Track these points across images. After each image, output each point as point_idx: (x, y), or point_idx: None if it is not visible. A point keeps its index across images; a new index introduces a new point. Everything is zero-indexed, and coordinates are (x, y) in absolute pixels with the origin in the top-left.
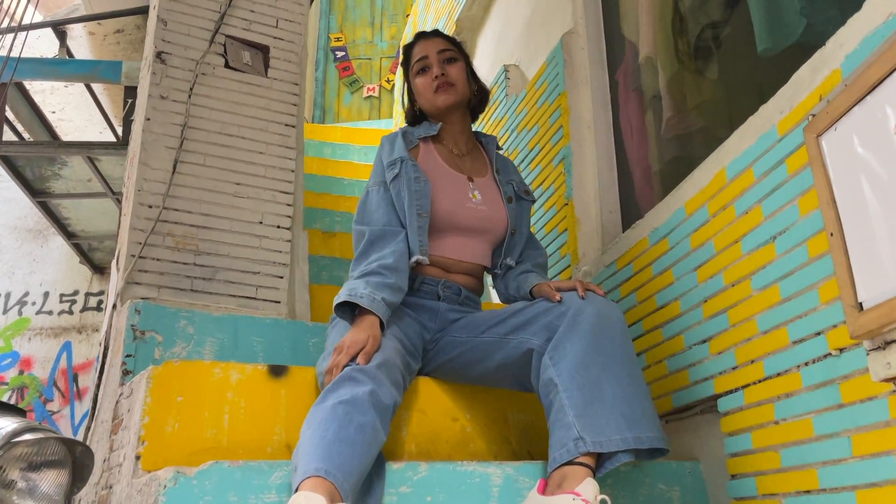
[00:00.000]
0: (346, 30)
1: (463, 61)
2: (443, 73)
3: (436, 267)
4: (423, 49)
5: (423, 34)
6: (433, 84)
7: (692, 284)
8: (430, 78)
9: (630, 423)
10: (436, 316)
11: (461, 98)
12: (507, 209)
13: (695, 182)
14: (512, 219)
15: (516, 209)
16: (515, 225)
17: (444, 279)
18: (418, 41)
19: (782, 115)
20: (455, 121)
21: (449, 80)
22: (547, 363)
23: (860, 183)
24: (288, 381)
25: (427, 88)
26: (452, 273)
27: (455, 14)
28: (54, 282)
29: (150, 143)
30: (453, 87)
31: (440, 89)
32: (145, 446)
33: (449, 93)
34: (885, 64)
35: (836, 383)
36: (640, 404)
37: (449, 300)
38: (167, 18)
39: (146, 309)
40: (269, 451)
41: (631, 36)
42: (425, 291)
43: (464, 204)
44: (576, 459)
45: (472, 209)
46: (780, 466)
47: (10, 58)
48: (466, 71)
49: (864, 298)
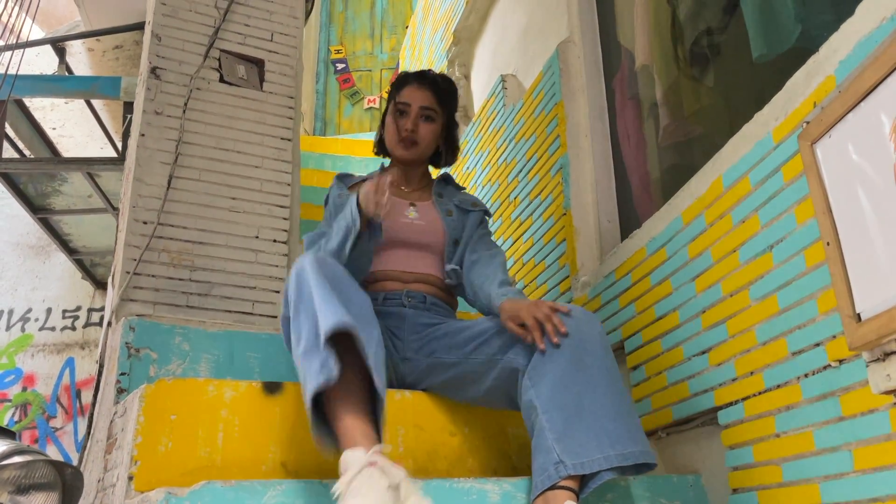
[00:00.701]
0: (346, 42)
1: (441, 121)
2: (413, 130)
3: (394, 281)
4: (410, 96)
5: (421, 79)
6: (401, 134)
7: (690, 294)
8: (401, 125)
9: (613, 441)
10: (403, 321)
11: (420, 157)
12: (444, 221)
13: (691, 191)
14: (451, 229)
15: (457, 221)
16: (457, 235)
17: (406, 289)
18: (411, 84)
19: (777, 122)
20: (409, 166)
21: (416, 138)
22: (527, 384)
23: (856, 191)
24: (282, 399)
25: (394, 134)
26: (411, 283)
27: (452, 25)
28: (57, 298)
29: (145, 159)
30: (416, 145)
31: (403, 143)
32: (138, 466)
33: (410, 150)
34: (879, 70)
35: (837, 395)
36: (622, 419)
37: (415, 307)
38: (161, 34)
39: (141, 326)
40: (264, 469)
41: (627, 44)
42: (390, 303)
43: (398, 220)
44: (558, 483)
45: (407, 224)
46: (781, 480)
47: (8, 75)
48: (440, 129)
49: (862, 309)
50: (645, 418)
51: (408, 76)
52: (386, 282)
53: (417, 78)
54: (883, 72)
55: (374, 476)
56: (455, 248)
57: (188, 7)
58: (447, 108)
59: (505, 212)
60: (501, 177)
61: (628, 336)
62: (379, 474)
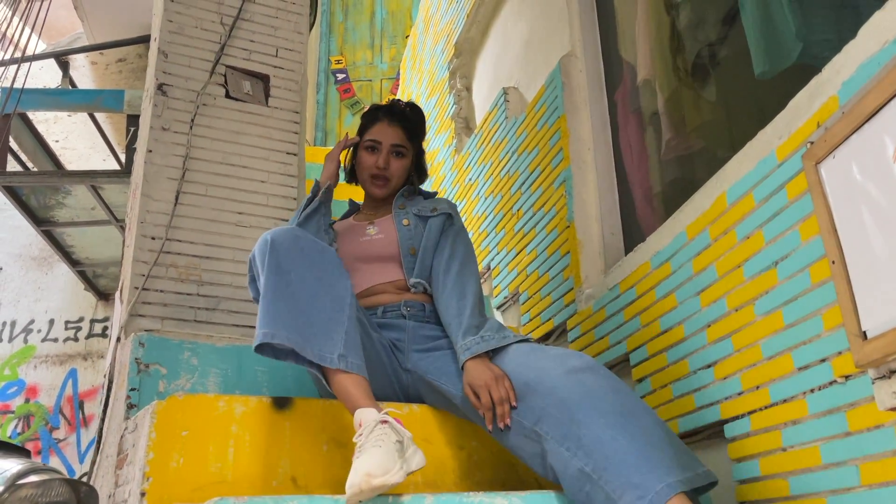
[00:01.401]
0: (346, 52)
1: (411, 155)
2: (385, 167)
3: (387, 294)
4: (380, 133)
5: (391, 116)
6: (373, 170)
7: (695, 309)
8: (373, 161)
9: (665, 470)
10: (404, 333)
11: (392, 192)
12: (398, 232)
13: (696, 206)
14: (405, 239)
15: (414, 229)
16: (414, 243)
17: (404, 300)
18: (381, 120)
19: (781, 141)
20: (380, 198)
21: (387, 174)
22: (564, 454)
23: (860, 211)
24: (292, 414)
25: (366, 170)
26: (404, 294)
27: (454, 37)
28: (59, 309)
29: (153, 175)
30: (388, 181)
31: (376, 181)
32: (150, 482)
33: (382, 187)
34: (883, 93)
35: (843, 411)
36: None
37: (415, 318)
38: (168, 50)
39: (150, 342)
40: (275, 484)
41: (629, 58)
42: (390, 315)
43: (358, 239)
44: None
45: (367, 241)
46: (788, 494)
47: (13, 89)
48: (410, 163)
49: (867, 327)
50: None
51: (378, 111)
52: (382, 295)
53: (387, 114)
54: (886, 95)
55: (387, 431)
56: (413, 258)
57: (194, 24)
58: (417, 140)
59: (508, 223)
60: (504, 188)
61: (633, 349)
62: (389, 430)
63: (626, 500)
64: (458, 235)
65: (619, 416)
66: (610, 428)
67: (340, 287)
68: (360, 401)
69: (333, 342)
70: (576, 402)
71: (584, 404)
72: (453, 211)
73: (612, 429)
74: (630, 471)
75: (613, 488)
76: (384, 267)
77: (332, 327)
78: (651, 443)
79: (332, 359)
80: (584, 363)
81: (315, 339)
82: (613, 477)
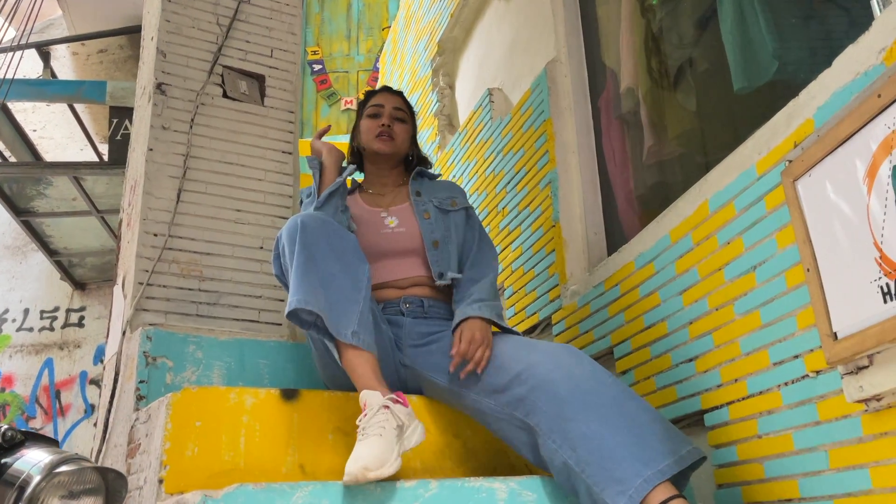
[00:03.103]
0: (322, 43)
1: (410, 125)
2: (389, 126)
3: (391, 289)
4: (382, 99)
5: (388, 89)
6: (377, 129)
7: (678, 307)
8: (376, 123)
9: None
10: (401, 330)
11: (396, 151)
12: (420, 225)
13: (679, 212)
14: (428, 232)
15: (436, 222)
16: (437, 237)
17: (404, 296)
18: (381, 92)
19: (760, 156)
20: (383, 166)
21: (391, 133)
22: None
23: (833, 225)
24: (300, 405)
25: (370, 131)
26: (408, 288)
27: (437, 35)
28: (34, 298)
29: (154, 173)
30: (392, 140)
31: (381, 136)
32: (168, 470)
33: (387, 143)
34: (854, 122)
35: (814, 402)
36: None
37: (413, 314)
38: (166, 50)
39: (157, 335)
40: (284, 471)
41: (612, 65)
42: (389, 311)
43: (379, 231)
44: None
45: (388, 234)
46: (763, 477)
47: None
48: (410, 134)
49: (838, 329)
50: None
51: (376, 90)
52: (383, 290)
53: (386, 88)
54: (858, 124)
55: (388, 417)
56: (437, 252)
57: (191, 24)
58: (413, 119)
59: (493, 221)
60: (489, 187)
61: (618, 343)
62: (391, 416)
63: (609, 494)
64: (479, 228)
65: (604, 409)
66: (595, 422)
67: (360, 271)
68: (368, 381)
69: (349, 319)
70: (563, 397)
71: (572, 399)
72: (468, 202)
73: (597, 423)
74: (613, 465)
75: (596, 482)
76: (404, 261)
77: (349, 306)
78: (635, 433)
79: (346, 334)
80: (574, 359)
81: (333, 314)
82: (596, 471)
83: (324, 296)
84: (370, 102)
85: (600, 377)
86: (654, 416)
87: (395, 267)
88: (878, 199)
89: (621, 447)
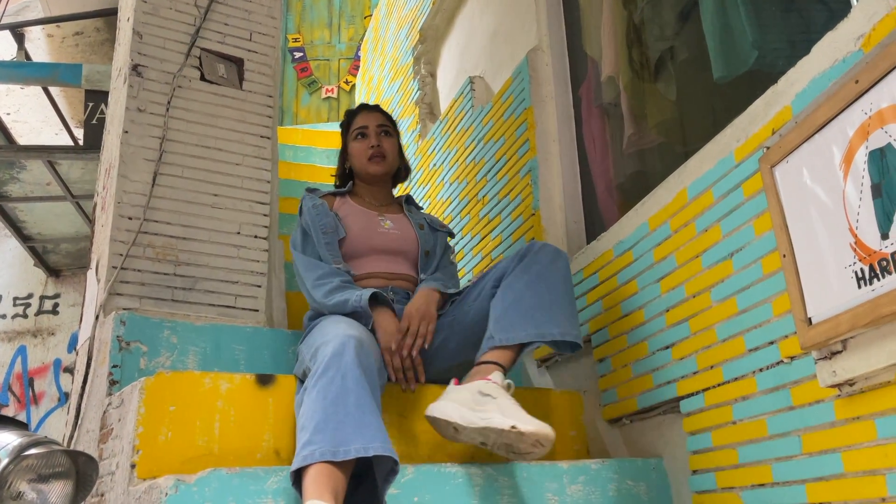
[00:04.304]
0: (303, 30)
1: (396, 137)
2: (379, 144)
3: (378, 278)
4: (364, 119)
5: (366, 107)
6: (368, 152)
7: (655, 294)
8: (366, 145)
9: (538, 324)
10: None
11: (390, 169)
12: (417, 233)
13: (658, 199)
14: (423, 241)
15: (429, 235)
16: (428, 247)
17: (391, 285)
18: (361, 112)
19: (738, 143)
20: (377, 183)
21: (383, 151)
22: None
23: (809, 211)
24: (275, 390)
25: (362, 154)
26: (394, 280)
27: (418, 23)
28: (7, 285)
29: (129, 156)
30: (385, 159)
31: (374, 159)
32: (140, 455)
33: (380, 164)
34: (832, 108)
35: (788, 388)
36: (552, 312)
37: (400, 302)
38: (143, 31)
39: (131, 320)
40: (259, 456)
41: (593, 54)
42: None
43: (375, 230)
44: (488, 359)
45: (384, 233)
46: (737, 462)
47: None
48: (397, 146)
49: (812, 314)
50: (610, 406)
51: (354, 109)
52: (371, 279)
53: (364, 107)
54: (835, 110)
55: None
56: (427, 258)
57: (168, 5)
58: (396, 130)
59: (473, 209)
60: (469, 175)
61: (595, 330)
62: None
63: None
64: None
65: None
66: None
67: None
68: None
69: None
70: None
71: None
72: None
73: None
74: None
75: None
76: (394, 258)
77: None
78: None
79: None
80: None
81: None
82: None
83: None
84: (353, 125)
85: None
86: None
87: (384, 262)
88: (854, 184)
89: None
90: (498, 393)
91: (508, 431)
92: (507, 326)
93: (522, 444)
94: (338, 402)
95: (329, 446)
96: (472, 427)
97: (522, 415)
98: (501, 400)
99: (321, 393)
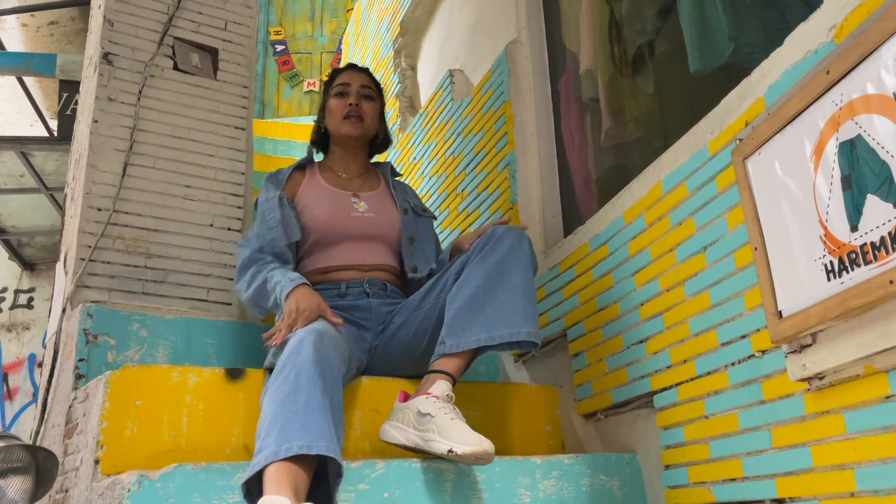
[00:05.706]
0: (285, 23)
1: (379, 103)
2: (357, 105)
3: (353, 270)
4: (348, 77)
5: (354, 66)
6: (345, 110)
7: (630, 288)
8: (344, 103)
9: (489, 326)
10: (370, 312)
11: (365, 132)
12: (401, 218)
13: (633, 193)
14: (407, 226)
15: (413, 221)
16: (413, 233)
17: (368, 277)
18: (347, 70)
19: (712, 136)
20: (351, 149)
21: (360, 113)
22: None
23: (781, 203)
24: (245, 384)
25: (338, 112)
26: (370, 272)
27: (399, 16)
28: None
29: (99, 146)
30: (362, 121)
31: (349, 118)
32: (104, 450)
33: (356, 125)
34: (803, 99)
35: (759, 382)
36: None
37: (377, 296)
38: (114, 19)
39: (98, 313)
40: (228, 452)
41: (572, 47)
42: (353, 294)
43: (347, 214)
44: (436, 368)
45: (357, 218)
46: (709, 457)
47: None
48: (379, 112)
49: (783, 307)
50: (585, 401)
51: (341, 67)
52: (344, 271)
53: (351, 66)
54: (806, 101)
55: None
56: (413, 247)
57: None
58: (381, 96)
59: (452, 203)
60: (449, 169)
61: (571, 325)
62: None
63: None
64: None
65: None
66: None
67: None
68: None
69: None
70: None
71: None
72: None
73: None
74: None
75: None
76: (369, 246)
77: None
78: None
79: None
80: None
81: None
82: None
83: None
84: (336, 81)
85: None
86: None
87: (358, 250)
88: (825, 176)
89: None
90: (436, 410)
91: (446, 455)
92: (457, 331)
93: (463, 463)
94: (287, 403)
95: (273, 448)
96: (420, 448)
97: (460, 433)
98: (439, 418)
99: (274, 395)
